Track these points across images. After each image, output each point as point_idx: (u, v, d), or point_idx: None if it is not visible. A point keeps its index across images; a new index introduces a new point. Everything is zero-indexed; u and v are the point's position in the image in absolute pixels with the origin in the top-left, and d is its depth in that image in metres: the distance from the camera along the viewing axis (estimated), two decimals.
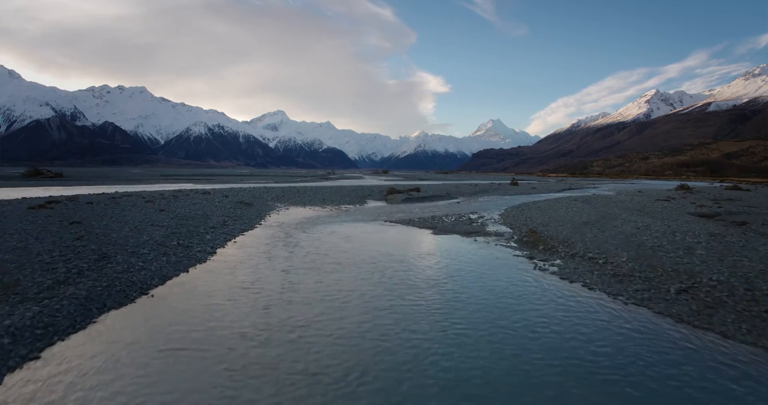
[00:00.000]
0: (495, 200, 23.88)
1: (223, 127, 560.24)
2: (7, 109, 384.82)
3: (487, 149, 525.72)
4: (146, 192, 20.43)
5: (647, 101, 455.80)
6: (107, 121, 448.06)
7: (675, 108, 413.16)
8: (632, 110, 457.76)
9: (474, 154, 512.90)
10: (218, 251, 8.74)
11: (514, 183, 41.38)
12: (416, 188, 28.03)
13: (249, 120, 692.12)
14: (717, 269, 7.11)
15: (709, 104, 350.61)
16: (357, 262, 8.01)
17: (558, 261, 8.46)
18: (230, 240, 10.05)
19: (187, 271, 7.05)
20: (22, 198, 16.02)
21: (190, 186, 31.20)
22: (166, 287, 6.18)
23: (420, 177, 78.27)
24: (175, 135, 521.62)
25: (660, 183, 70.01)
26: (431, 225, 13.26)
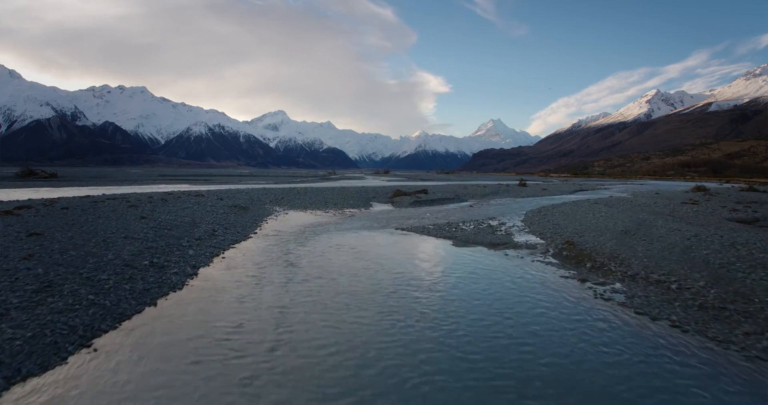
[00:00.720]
0: (509, 203, 22.24)
1: (224, 127, 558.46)
2: (8, 109, 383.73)
3: (488, 149, 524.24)
4: (135, 194, 18.80)
5: (648, 101, 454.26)
6: (108, 121, 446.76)
7: (676, 108, 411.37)
8: (633, 110, 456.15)
9: (474, 154, 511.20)
10: (201, 272, 7.13)
11: (523, 184, 39.69)
12: (424, 190, 26.40)
13: (249, 120, 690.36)
14: None
15: (710, 104, 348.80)
16: (375, 293, 6.31)
17: (618, 285, 6.87)
18: (218, 255, 8.47)
19: (155, 304, 5.44)
20: None
21: (186, 187, 29.56)
22: (119, 333, 4.54)
23: (422, 177, 76.41)
24: (176, 135, 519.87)
25: (668, 184, 68.30)
26: (450, 234, 11.65)
